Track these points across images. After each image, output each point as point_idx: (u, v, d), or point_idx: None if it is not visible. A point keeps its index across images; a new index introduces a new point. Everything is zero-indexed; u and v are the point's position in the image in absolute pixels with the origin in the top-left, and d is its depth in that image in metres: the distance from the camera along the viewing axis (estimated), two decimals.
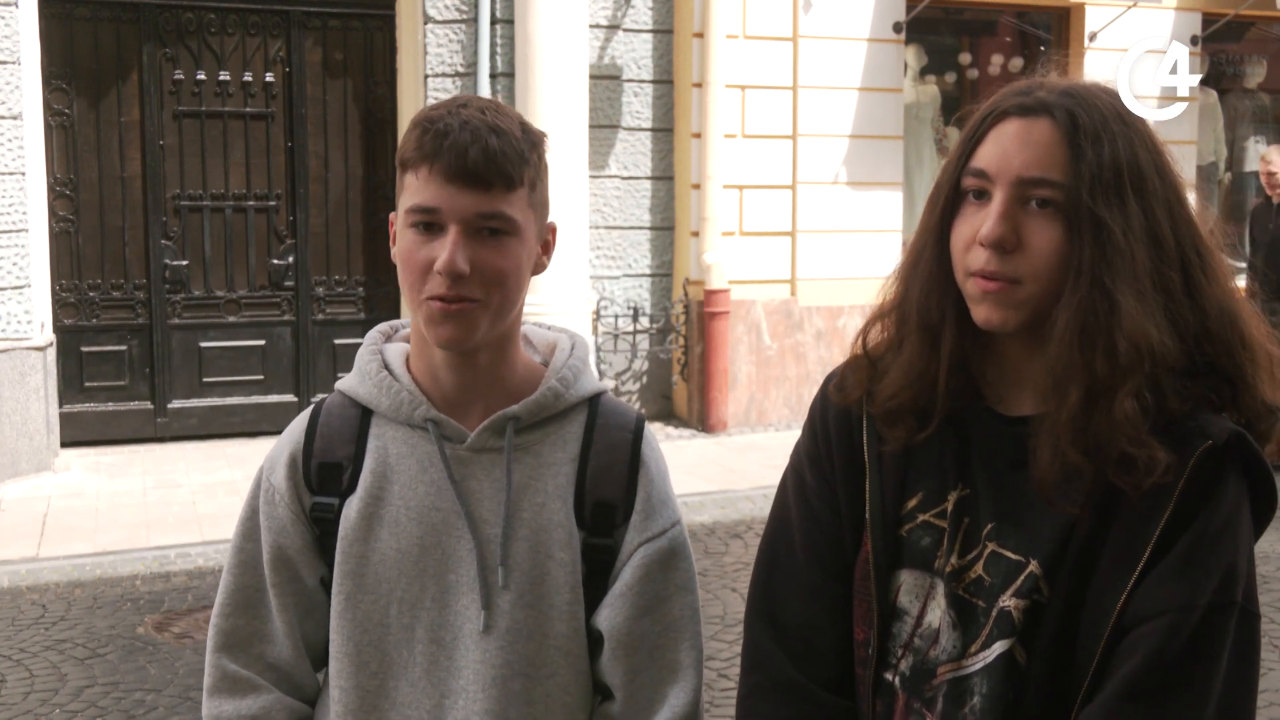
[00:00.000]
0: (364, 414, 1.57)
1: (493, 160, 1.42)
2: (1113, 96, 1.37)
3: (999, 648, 1.34)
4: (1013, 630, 1.33)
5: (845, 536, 1.48)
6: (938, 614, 1.40)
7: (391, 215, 1.54)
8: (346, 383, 1.61)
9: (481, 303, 1.45)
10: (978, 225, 1.34)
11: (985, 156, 1.35)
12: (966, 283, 1.36)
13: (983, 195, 1.35)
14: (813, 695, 1.47)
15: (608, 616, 1.54)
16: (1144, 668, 1.24)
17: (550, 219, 1.57)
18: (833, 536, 1.48)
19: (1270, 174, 7.93)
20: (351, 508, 1.53)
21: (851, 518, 1.47)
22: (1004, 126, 1.35)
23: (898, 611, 1.43)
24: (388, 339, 1.65)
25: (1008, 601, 1.34)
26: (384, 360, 1.59)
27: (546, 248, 1.55)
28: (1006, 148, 1.33)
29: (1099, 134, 1.31)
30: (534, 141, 1.49)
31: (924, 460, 1.44)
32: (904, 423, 1.43)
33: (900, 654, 1.43)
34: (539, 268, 1.53)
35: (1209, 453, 1.27)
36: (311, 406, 1.62)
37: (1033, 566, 1.33)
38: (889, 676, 1.43)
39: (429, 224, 1.44)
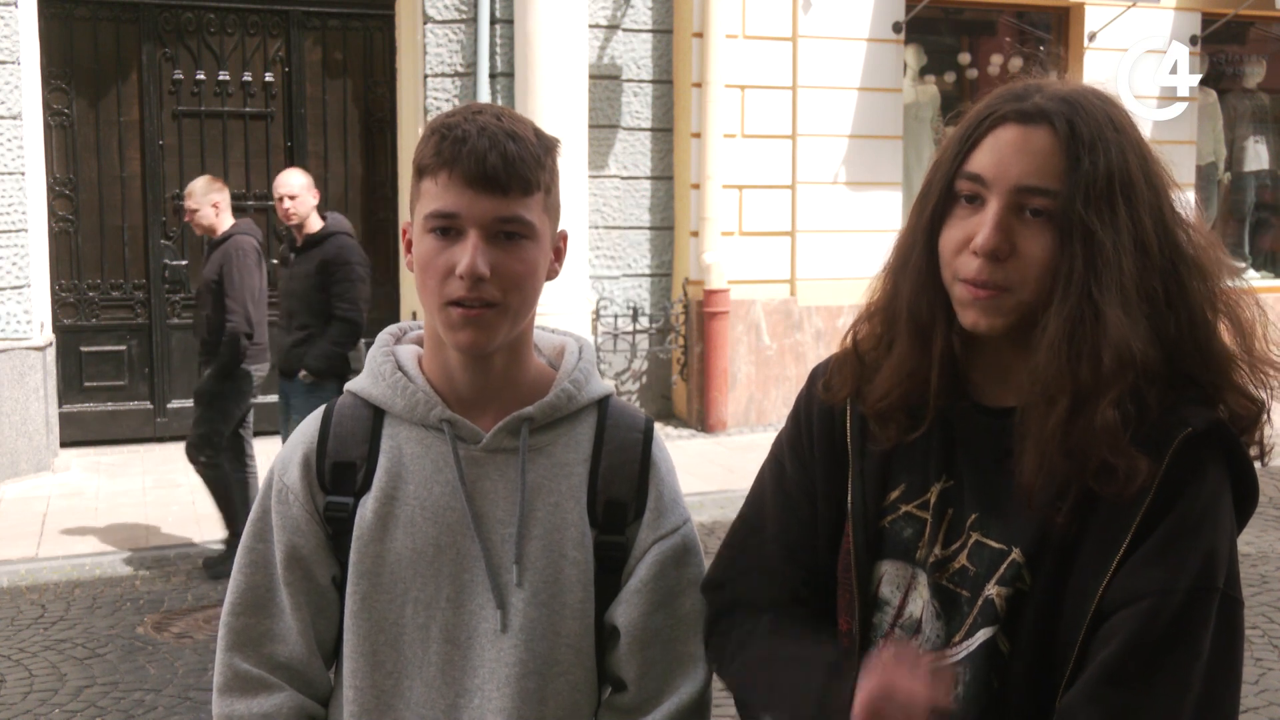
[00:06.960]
0: (376, 414, 1.58)
1: (511, 165, 1.44)
2: (1105, 102, 1.35)
3: (982, 636, 1.34)
4: (996, 618, 1.33)
5: (819, 524, 1.49)
6: (919, 604, 1.41)
7: (405, 223, 1.56)
8: (358, 383, 1.61)
9: (501, 306, 1.47)
10: (969, 230, 1.34)
11: (981, 162, 1.34)
12: (955, 286, 1.36)
13: (975, 199, 1.34)
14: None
15: (623, 612, 1.56)
16: (1124, 652, 1.24)
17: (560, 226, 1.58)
18: (806, 522, 1.50)
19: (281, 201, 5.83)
20: (366, 507, 1.54)
21: (831, 510, 1.49)
22: (1001, 132, 1.34)
23: (879, 602, 1.45)
24: (398, 340, 1.66)
25: (991, 590, 1.34)
26: (397, 361, 1.60)
27: (559, 254, 1.58)
28: (1004, 155, 1.32)
29: (1095, 143, 1.30)
30: (548, 147, 1.51)
31: (907, 453, 1.45)
32: (895, 421, 1.43)
33: (882, 644, 1.43)
34: (551, 274, 1.55)
35: (1189, 440, 1.27)
36: (322, 408, 1.63)
37: (1015, 555, 1.34)
38: None
39: (448, 229, 1.46)
